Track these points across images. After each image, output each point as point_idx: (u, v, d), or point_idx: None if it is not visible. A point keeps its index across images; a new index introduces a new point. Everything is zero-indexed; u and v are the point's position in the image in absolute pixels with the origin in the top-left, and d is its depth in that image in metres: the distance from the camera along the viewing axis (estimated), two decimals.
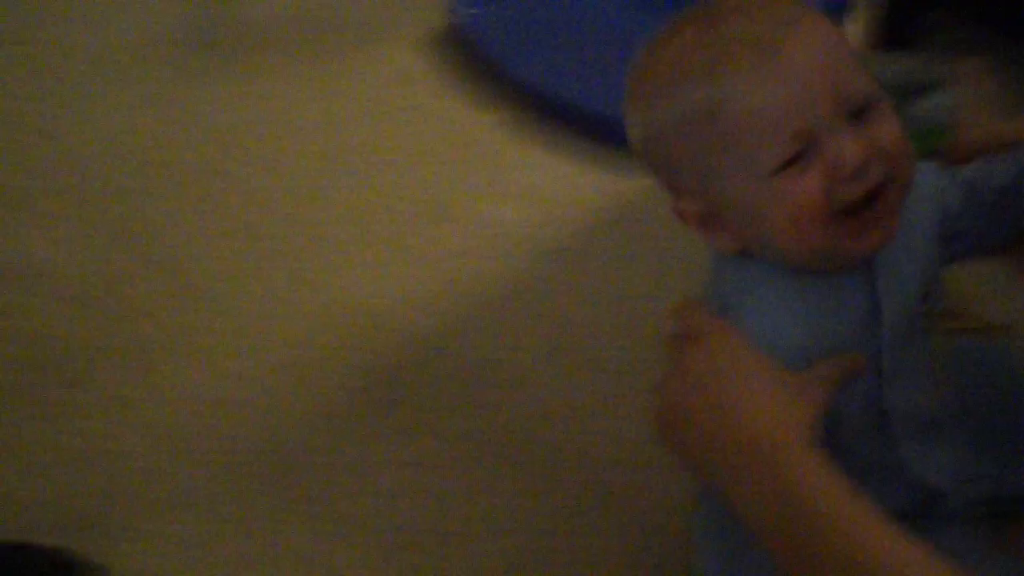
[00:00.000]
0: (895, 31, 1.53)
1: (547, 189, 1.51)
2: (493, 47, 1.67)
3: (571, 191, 1.50)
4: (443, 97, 1.67)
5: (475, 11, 1.72)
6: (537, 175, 1.53)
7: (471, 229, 1.47)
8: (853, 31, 1.52)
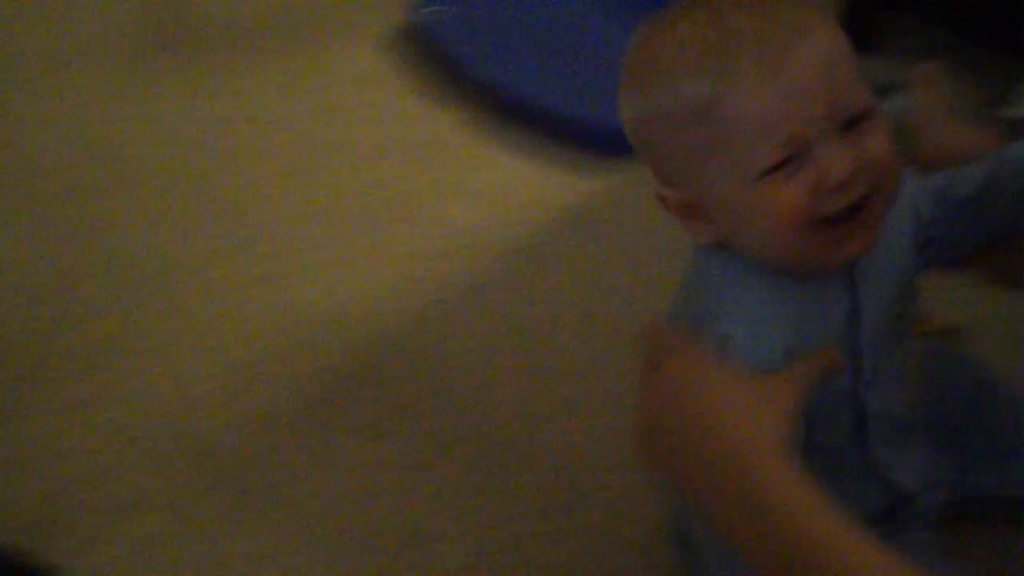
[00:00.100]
0: (854, 34, 1.54)
1: (508, 188, 1.51)
2: (454, 46, 1.66)
3: (532, 190, 1.50)
4: (404, 96, 1.66)
5: (436, 10, 1.72)
6: (498, 174, 1.52)
7: (432, 229, 1.46)
8: None
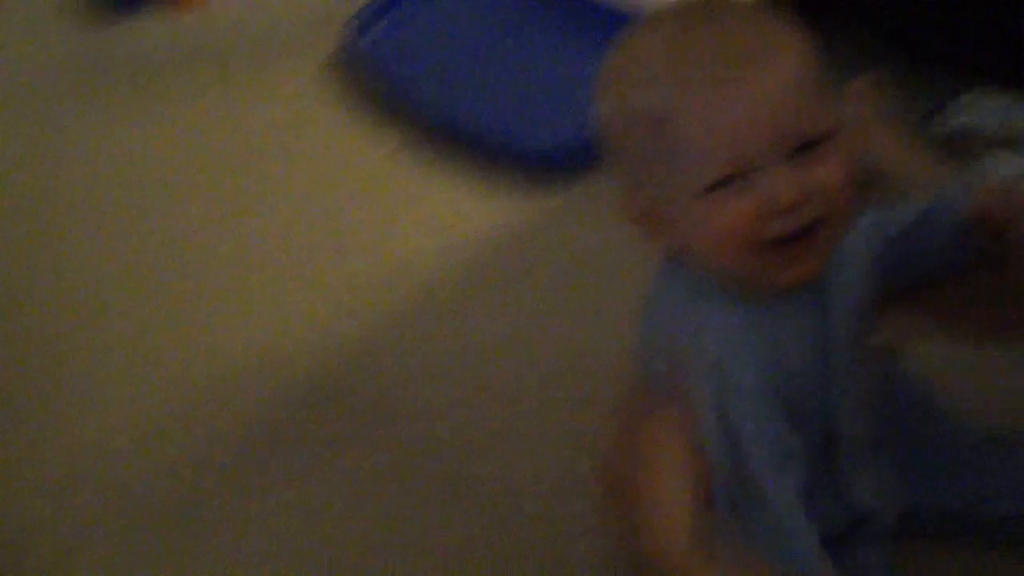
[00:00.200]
0: None
1: (449, 215, 1.49)
2: (388, 74, 1.65)
3: (473, 216, 1.49)
4: (342, 125, 1.64)
5: (369, 38, 1.70)
6: (439, 201, 1.51)
7: (372, 259, 1.45)
8: None
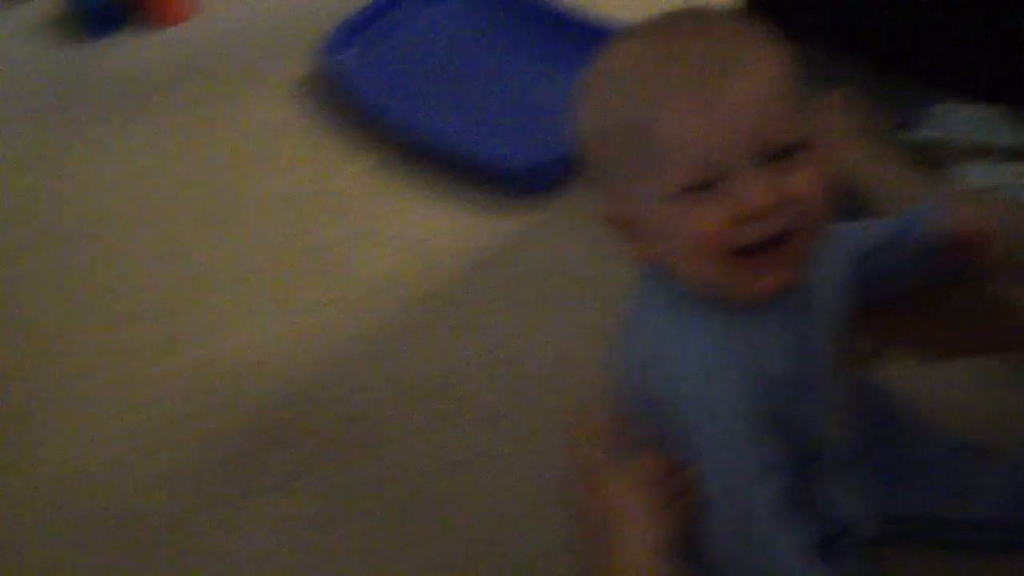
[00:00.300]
0: None
1: (422, 234, 1.49)
2: (363, 93, 1.65)
3: (446, 235, 1.49)
4: (315, 145, 1.64)
5: (343, 57, 1.70)
6: (410, 221, 1.51)
7: (346, 279, 1.44)
8: None
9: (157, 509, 1.19)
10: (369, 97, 1.64)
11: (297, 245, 1.50)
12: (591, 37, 1.59)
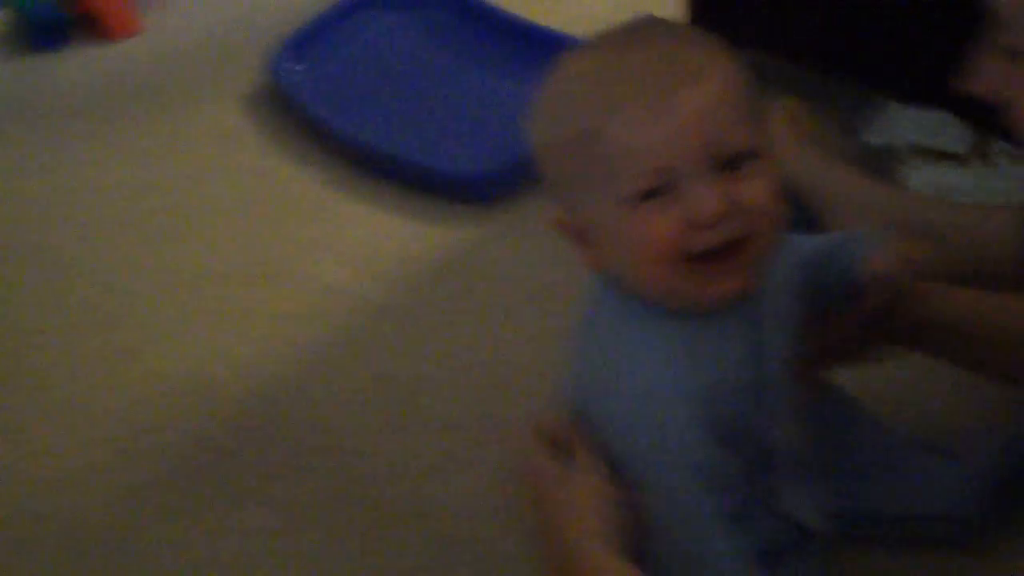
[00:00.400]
0: None
1: (377, 245, 1.49)
2: (314, 103, 1.65)
3: (401, 245, 1.49)
4: (268, 156, 1.64)
5: (294, 68, 1.70)
6: (363, 231, 1.51)
7: (302, 290, 1.44)
8: None
9: (110, 523, 1.18)
10: (319, 109, 1.64)
11: (251, 256, 1.49)
12: (541, 45, 1.61)
